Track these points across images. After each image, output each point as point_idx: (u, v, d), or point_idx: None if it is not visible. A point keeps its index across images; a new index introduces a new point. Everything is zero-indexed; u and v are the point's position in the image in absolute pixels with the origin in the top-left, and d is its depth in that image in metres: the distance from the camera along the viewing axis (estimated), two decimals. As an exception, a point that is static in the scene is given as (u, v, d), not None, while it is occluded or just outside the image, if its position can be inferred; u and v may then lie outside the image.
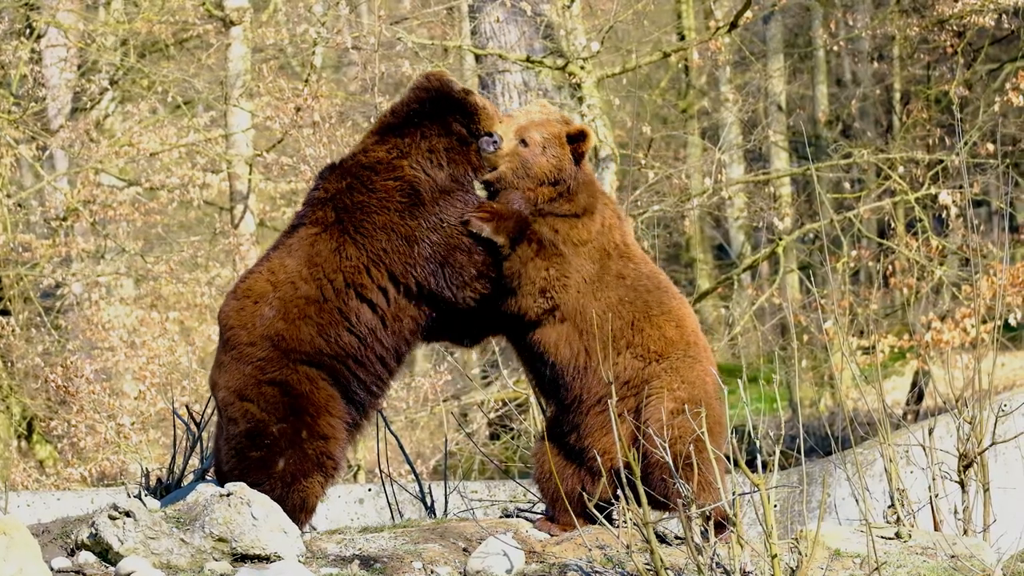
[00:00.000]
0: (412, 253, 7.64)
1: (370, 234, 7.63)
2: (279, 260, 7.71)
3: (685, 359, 7.85)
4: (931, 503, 8.72)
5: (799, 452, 8.56)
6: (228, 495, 7.21)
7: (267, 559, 7.13)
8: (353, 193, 7.69)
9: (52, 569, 7.06)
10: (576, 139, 7.95)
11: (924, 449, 8.84)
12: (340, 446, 7.60)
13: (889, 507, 8.52)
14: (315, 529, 8.12)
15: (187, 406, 9.42)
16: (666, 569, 6.97)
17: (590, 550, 7.49)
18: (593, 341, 7.78)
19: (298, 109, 20.60)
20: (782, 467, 12.12)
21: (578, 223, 7.92)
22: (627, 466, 7.29)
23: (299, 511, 7.49)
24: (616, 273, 7.90)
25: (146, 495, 7.98)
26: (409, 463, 10.03)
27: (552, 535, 7.79)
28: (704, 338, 8.04)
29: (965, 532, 8.57)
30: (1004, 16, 21.34)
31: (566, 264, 7.81)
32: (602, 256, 7.92)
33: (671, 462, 7.26)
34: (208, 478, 8.41)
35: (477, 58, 20.37)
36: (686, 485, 7.13)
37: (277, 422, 7.48)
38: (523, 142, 7.93)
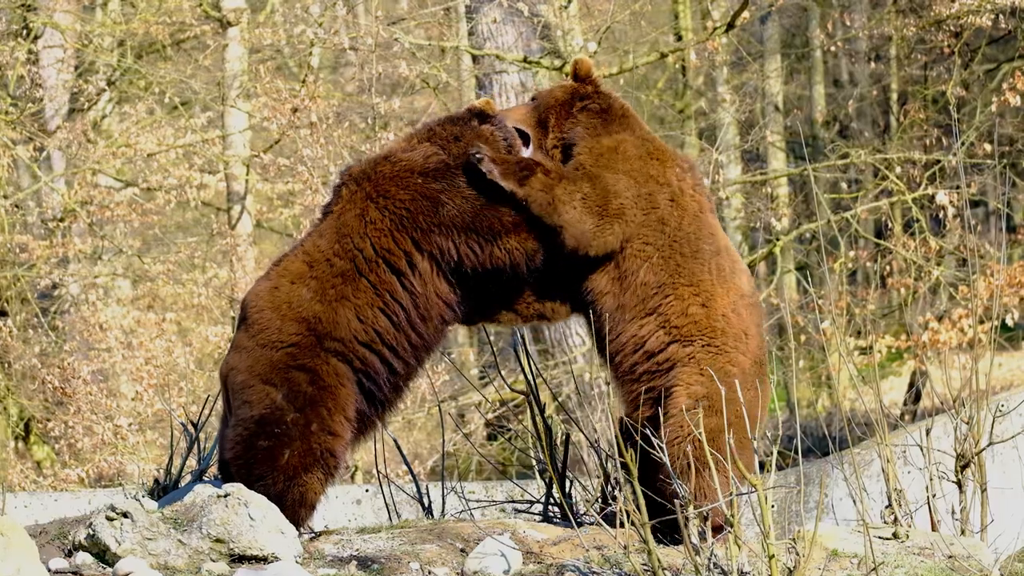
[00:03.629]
0: (436, 214, 7.62)
1: (392, 196, 7.62)
2: (312, 242, 7.73)
3: (709, 348, 7.64)
4: (928, 503, 8.72)
5: (796, 452, 8.56)
6: (225, 496, 7.21)
7: (265, 560, 7.13)
8: (376, 166, 7.73)
9: (49, 570, 7.06)
10: (572, 73, 8.05)
11: (921, 449, 8.85)
12: (344, 446, 7.56)
13: (886, 507, 8.52)
14: (312, 530, 8.12)
15: (184, 407, 9.42)
16: (663, 570, 6.97)
17: (587, 550, 7.49)
18: (627, 295, 7.66)
19: (295, 110, 20.60)
20: (779, 467, 12.13)
21: (608, 140, 7.84)
22: (624, 466, 7.28)
23: (299, 506, 7.45)
24: (659, 218, 7.71)
25: (143, 496, 7.97)
26: (406, 464, 10.03)
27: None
28: (742, 319, 7.71)
29: (962, 532, 8.58)
30: (1001, 16, 21.36)
31: (602, 183, 7.66)
32: (649, 181, 7.77)
33: (669, 465, 7.23)
34: (205, 479, 8.40)
35: (474, 59, 20.38)
36: (683, 486, 7.12)
37: (294, 411, 7.45)
38: (533, 98, 8.07)
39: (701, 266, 7.71)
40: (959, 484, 8.76)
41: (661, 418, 7.51)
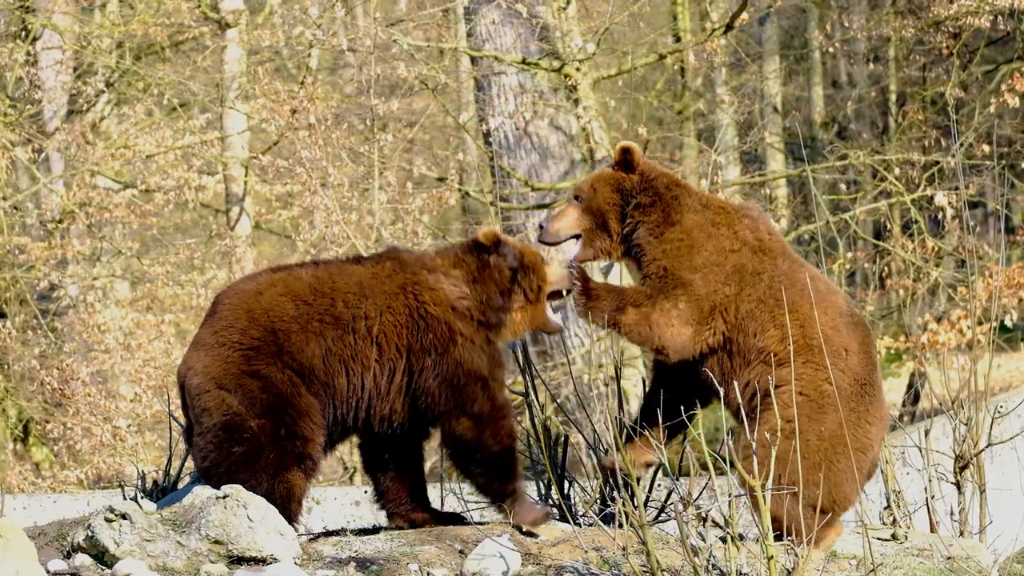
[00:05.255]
0: (445, 353, 7.77)
1: (426, 316, 7.77)
2: (328, 273, 7.79)
3: (808, 363, 7.72)
4: (927, 504, 8.73)
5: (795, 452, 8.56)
6: (224, 497, 7.20)
7: (263, 561, 7.12)
8: (418, 275, 7.85)
9: (48, 572, 7.06)
10: (619, 160, 8.07)
11: (920, 450, 8.86)
12: (318, 449, 7.58)
13: (885, 508, 8.53)
14: (311, 531, 8.10)
15: (183, 409, 9.40)
16: (662, 571, 6.97)
17: (586, 552, 7.49)
18: (733, 358, 7.74)
19: (294, 111, 20.59)
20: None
21: (674, 231, 7.92)
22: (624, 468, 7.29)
23: (288, 502, 7.44)
24: (752, 271, 7.83)
25: (142, 497, 7.96)
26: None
27: None
28: (842, 335, 7.79)
29: (961, 533, 8.59)
30: (1000, 17, 21.36)
31: (692, 288, 7.80)
32: (729, 255, 7.86)
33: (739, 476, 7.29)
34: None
35: (473, 60, 20.38)
36: (681, 485, 7.13)
37: (255, 417, 7.45)
38: (576, 198, 8.09)
39: (800, 293, 7.81)
40: (958, 485, 8.77)
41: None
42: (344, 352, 7.63)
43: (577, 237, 8.09)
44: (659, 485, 9.71)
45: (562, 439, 8.99)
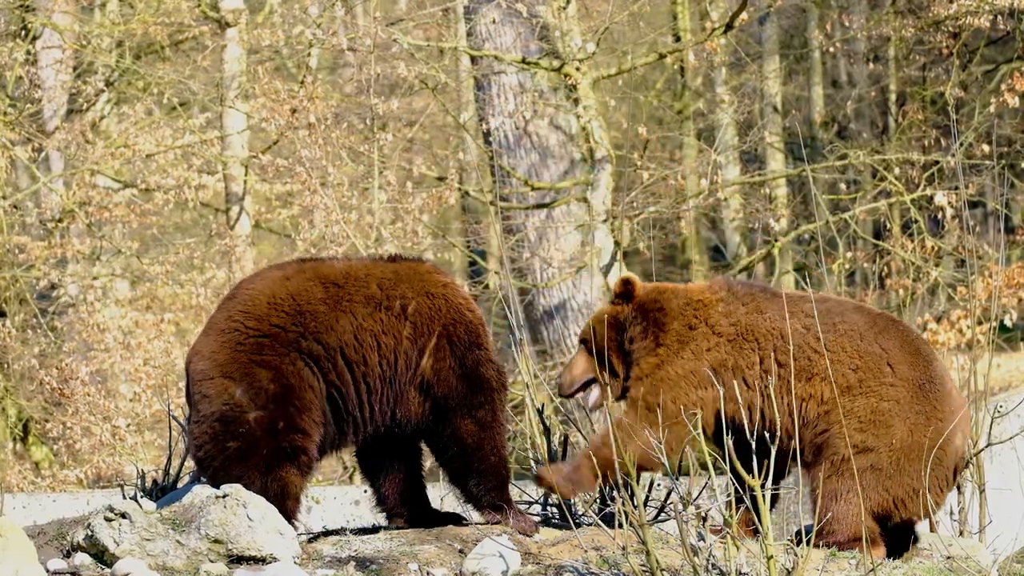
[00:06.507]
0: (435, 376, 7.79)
1: (454, 335, 7.78)
2: (363, 264, 7.77)
3: (855, 397, 7.81)
4: (927, 504, 8.71)
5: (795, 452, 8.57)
6: (224, 497, 7.20)
7: (263, 561, 7.12)
8: (472, 336, 7.89)
9: (48, 571, 7.06)
10: (619, 292, 8.20)
11: (920, 450, 8.83)
12: (315, 446, 7.52)
13: (885, 508, 8.49)
14: (311, 531, 8.10)
15: (182, 408, 9.40)
16: (662, 571, 6.97)
17: (586, 551, 7.49)
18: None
19: (294, 111, 20.59)
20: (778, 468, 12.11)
21: (651, 358, 8.04)
22: (623, 468, 7.30)
23: (283, 499, 7.41)
24: (734, 365, 7.89)
25: (142, 497, 7.96)
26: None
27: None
28: (876, 354, 7.84)
29: (961, 533, 8.58)
30: (999, 17, 21.36)
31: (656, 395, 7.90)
32: (706, 354, 7.93)
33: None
34: (203, 480, 8.38)
35: (473, 59, 20.38)
36: (680, 485, 7.13)
37: (256, 409, 7.39)
38: (583, 342, 8.28)
39: (800, 353, 7.86)
40: (958, 485, 8.76)
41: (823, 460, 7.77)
42: (375, 327, 7.58)
43: (593, 382, 8.17)
44: (659, 485, 9.72)
45: (562, 438, 8.99)
